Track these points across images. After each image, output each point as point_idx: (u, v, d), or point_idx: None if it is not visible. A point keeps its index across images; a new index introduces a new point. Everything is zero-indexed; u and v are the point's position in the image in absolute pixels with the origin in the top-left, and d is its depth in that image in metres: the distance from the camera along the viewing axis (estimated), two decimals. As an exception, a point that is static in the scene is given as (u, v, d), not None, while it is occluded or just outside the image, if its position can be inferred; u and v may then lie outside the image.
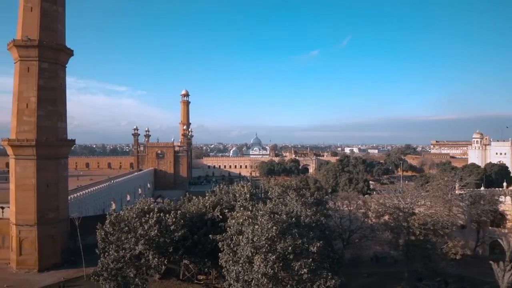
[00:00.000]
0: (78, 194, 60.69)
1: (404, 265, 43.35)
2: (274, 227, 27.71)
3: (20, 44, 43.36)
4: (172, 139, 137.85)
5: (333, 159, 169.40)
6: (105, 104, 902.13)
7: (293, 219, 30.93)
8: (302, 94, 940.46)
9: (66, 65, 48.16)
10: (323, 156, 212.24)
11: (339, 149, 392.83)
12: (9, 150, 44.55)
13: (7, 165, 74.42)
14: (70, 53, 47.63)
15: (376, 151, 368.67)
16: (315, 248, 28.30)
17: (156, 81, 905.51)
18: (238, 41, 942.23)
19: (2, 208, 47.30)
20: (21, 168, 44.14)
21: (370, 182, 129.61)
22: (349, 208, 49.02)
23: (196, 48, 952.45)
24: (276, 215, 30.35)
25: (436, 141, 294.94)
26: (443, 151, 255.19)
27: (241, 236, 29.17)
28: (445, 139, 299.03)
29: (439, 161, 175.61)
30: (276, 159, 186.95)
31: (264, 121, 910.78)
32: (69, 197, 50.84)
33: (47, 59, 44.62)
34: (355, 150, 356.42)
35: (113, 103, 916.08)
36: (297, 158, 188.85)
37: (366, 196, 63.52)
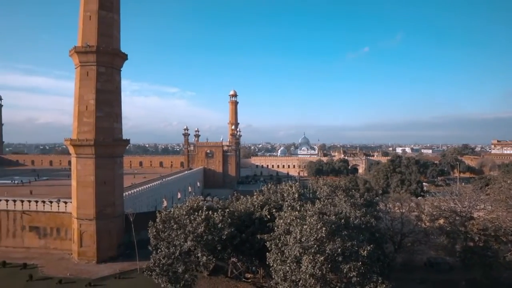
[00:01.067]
0: (132, 191, 63.45)
1: (461, 273, 40.92)
2: (323, 228, 27.37)
3: (80, 51, 46.27)
4: (221, 139, 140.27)
5: (384, 159, 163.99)
6: (157, 105, 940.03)
7: (342, 220, 30.36)
8: (352, 92, 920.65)
9: (121, 69, 50.63)
10: (373, 156, 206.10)
11: (390, 149, 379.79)
12: (71, 149, 47.74)
13: (69, 163, 79.60)
14: (124, 57, 50.02)
15: (430, 151, 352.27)
16: (365, 251, 27.60)
17: (205, 82, 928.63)
18: (287, 40, 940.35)
19: (65, 202, 50.64)
20: (81, 166, 47.07)
21: (424, 183, 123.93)
22: (401, 210, 47.03)
23: (245, 49, 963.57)
24: (324, 215, 29.95)
25: (498, 141, 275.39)
26: (505, 152, 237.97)
27: (289, 236, 29.10)
28: (508, 138, 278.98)
29: (501, 162, 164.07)
30: (325, 159, 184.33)
31: (312, 120, 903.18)
32: (124, 194, 53.31)
33: (104, 63, 47.21)
34: (407, 150, 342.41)
35: (165, 104, 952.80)
36: (346, 158, 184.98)
37: (419, 198, 60.80)
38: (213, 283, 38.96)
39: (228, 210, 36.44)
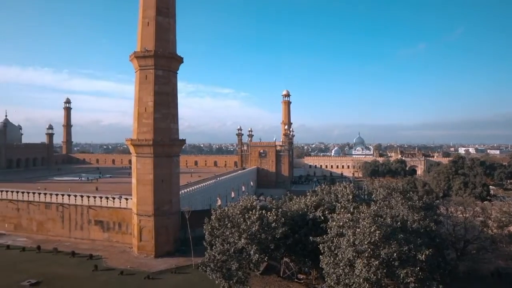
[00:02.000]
0: (188, 189, 65.42)
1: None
2: (377, 232, 26.49)
3: (139, 55, 48.65)
4: (274, 139, 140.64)
5: (445, 160, 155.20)
6: (212, 106, 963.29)
7: (399, 223, 29.20)
8: (409, 90, 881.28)
9: (177, 71, 52.48)
10: (433, 156, 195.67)
11: (452, 149, 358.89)
12: (132, 149, 50.34)
13: (130, 162, 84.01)
14: (180, 60, 51.79)
15: (497, 151, 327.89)
16: (423, 256, 26.34)
17: (259, 83, 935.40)
18: (338, 37, 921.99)
19: (126, 199, 53.54)
20: (141, 164, 49.46)
21: (491, 187, 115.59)
22: (464, 215, 43.97)
23: (298, 47, 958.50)
24: (380, 218, 28.97)
25: None
26: None
27: (342, 239, 28.50)
28: None
29: None
30: (381, 159, 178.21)
31: (367, 119, 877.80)
32: (180, 192, 55.20)
33: (161, 67, 49.24)
34: (471, 150, 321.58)
35: (219, 105, 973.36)
36: (403, 158, 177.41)
37: (485, 202, 56.64)
38: (265, 282, 39.18)
39: (281, 210, 36.48)
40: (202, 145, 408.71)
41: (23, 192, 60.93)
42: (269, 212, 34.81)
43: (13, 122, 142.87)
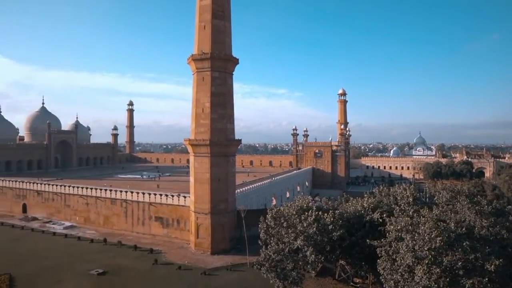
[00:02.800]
0: (244, 188, 66.30)
1: None
2: (438, 238, 24.98)
3: (197, 58, 50.14)
4: (330, 139, 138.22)
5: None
6: (267, 106, 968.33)
7: (464, 229, 27.32)
8: (476, 86, 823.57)
9: (233, 73, 53.37)
10: (503, 158, 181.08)
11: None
12: (190, 149, 52.01)
13: (188, 161, 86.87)
14: (236, 61, 52.63)
15: None
16: (492, 266, 24.37)
17: (313, 82, 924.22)
18: (396, 33, 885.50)
19: (184, 197, 55.47)
20: (198, 164, 50.95)
21: None
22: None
23: (353, 45, 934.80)
24: (442, 223, 27.33)
25: None
26: None
27: (401, 243, 27.27)
28: None
29: None
30: (444, 160, 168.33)
31: (429, 118, 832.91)
32: (236, 191, 56.12)
33: (218, 68, 50.36)
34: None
35: (274, 105, 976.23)
36: (469, 159, 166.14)
37: None
38: (320, 284, 38.66)
39: (338, 211, 35.78)
40: (257, 145, 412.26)
41: (91, 188, 65.60)
42: (325, 214, 34.28)
43: (83, 123, 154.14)
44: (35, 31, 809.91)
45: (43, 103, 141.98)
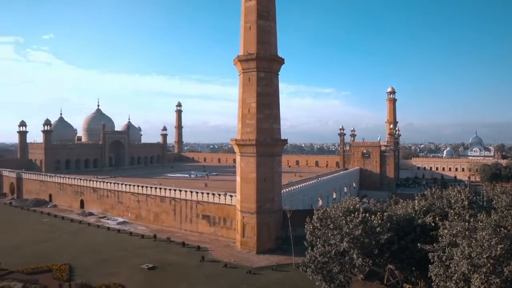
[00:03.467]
0: (290, 189, 66.01)
1: None
2: (499, 246, 23.38)
3: (243, 59, 50.66)
4: (378, 139, 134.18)
5: None
6: (313, 105, 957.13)
7: (526, 236, 25.42)
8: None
9: (279, 73, 53.34)
10: None
11: None
12: (236, 148, 52.66)
13: (234, 161, 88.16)
14: (281, 61, 52.56)
15: None
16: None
17: (361, 81, 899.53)
18: (450, 28, 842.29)
19: (231, 196, 56.24)
20: (244, 163, 51.44)
21: None
22: None
23: (402, 41, 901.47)
24: (502, 229, 25.59)
25: None
26: None
27: (456, 249, 25.85)
28: None
29: None
30: (504, 161, 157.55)
31: (486, 117, 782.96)
32: (282, 191, 56.02)
33: (263, 69, 50.56)
34: None
35: (320, 105, 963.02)
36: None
37: None
38: (368, 288, 37.64)
39: (386, 214, 34.67)
40: (303, 145, 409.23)
41: (142, 186, 68.36)
42: (373, 216, 33.36)
43: (134, 124, 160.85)
44: (91, 36, 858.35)
45: (98, 105, 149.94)
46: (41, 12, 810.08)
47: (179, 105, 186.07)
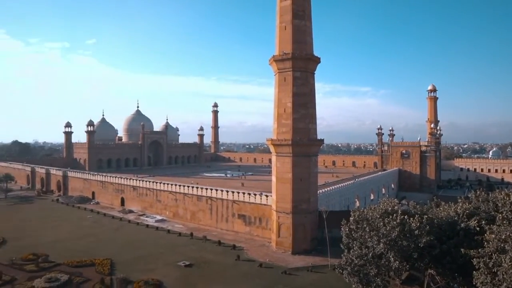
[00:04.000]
0: (326, 189, 65.26)
1: None
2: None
3: (278, 59, 50.59)
4: (418, 138, 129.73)
5: None
6: (349, 105, 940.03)
7: None
8: None
9: (314, 72, 52.80)
10: None
11: None
12: (272, 148, 52.66)
13: (270, 161, 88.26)
14: (317, 61, 52.01)
15: None
16: None
17: (400, 79, 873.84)
18: (495, 22, 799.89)
19: (266, 196, 56.28)
20: (280, 163, 51.33)
21: None
22: None
23: (444, 38, 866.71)
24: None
25: None
26: None
27: (504, 256, 24.49)
28: None
29: None
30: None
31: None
32: (318, 192, 55.44)
33: (299, 68, 50.23)
34: None
35: (357, 104, 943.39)
36: None
37: None
38: (407, 293, 36.47)
39: (426, 216, 33.45)
40: (339, 145, 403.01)
41: (180, 185, 69.84)
42: (411, 218, 32.31)
43: (172, 124, 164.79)
44: (130, 40, 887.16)
45: (137, 106, 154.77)
46: (85, 18, 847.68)
47: (216, 105, 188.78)
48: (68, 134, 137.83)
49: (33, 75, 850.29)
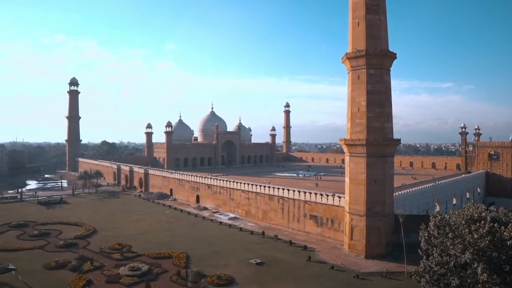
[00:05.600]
0: (403, 191, 62.25)
1: None
2: None
3: (351, 56, 49.19)
4: (510, 138, 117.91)
5: None
6: (429, 102, 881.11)
7: None
8: None
9: (390, 69, 50.48)
10: None
11: None
12: (345, 149, 51.39)
13: (343, 161, 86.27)
14: (393, 56, 49.65)
15: None
16: None
17: (488, 73, 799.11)
18: None
19: (339, 197, 55.01)
20: (354, 164, 49.87)
21: None
22: None
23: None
24: None
25: None
26: None
27: None
28: None
29: None
30: None
31: None
32: (394, 194, 52.95)
33: (373, 65, 48.32)
34: None
35: (437, 101, 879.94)
36: None
37: None
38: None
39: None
40: (418, 145, 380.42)
41: (252, 185, 71.10)
42: (503, 227, 29.41)
43: (245, 125, 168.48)
44: (205, 45, 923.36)
45: (212, 108, 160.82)
46: (165, 25, 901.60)
47: (287, 105, 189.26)
48: (149, 135, 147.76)
49: (119, 81, 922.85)
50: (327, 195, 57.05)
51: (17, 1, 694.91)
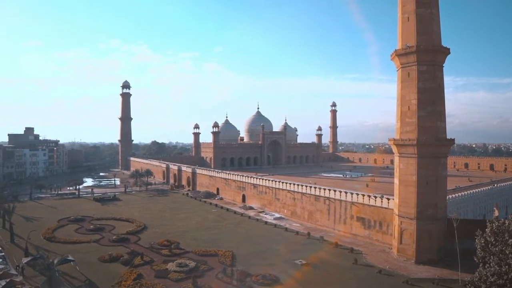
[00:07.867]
0: (457, 194, 59.30)
1: None
2: None
3: (401, 53, 47.42)
4: None
5: None
6: (487, 100, 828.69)
7: None
8: None
9: (443, 65, 48.09)
10: None
11: None
12: (394, 149, 49.65)
13: (392, 161, 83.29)
14: (446, 52, 47.24)
15: None
16: None
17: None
18: None
19: (388, 199, 53.22)
20: (404, 165, 48.05)
21: None
22: None
23: None
24: None
25: None
26: None
27: None
28: None
29: None
30: None
31: None
32: (447, 197, 50.42)
33: (425, 62, 46.28)
34: None
35: (496, 98, 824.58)
36: None
37: None
38: None
39: None
40: (474, 145, 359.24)
41: (298, 185, 70.67)
42: None
43: (291, 124, 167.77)
44: (250, 47, 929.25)
45: (258, 108, 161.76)
46: (214, 27, 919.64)
47: (334, 105, 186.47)
48: (196, 135, 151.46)
49: (169, 83, 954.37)
50: (375, 197, 55.39)
51: (77, 12, 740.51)
